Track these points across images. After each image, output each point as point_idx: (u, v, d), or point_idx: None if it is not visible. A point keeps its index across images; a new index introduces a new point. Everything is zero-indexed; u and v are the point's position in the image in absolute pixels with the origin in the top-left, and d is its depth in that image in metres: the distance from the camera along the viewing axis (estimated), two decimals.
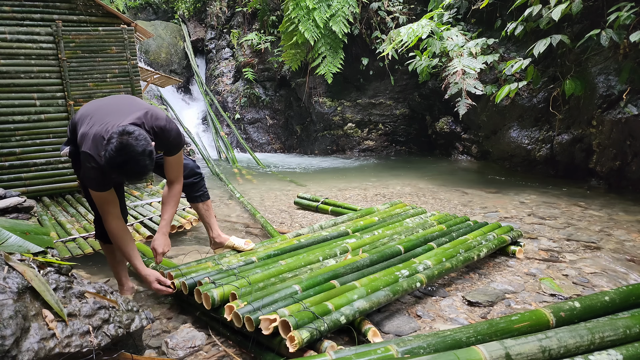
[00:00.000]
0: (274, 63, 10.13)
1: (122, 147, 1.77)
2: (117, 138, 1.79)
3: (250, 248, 2.74)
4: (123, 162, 1.78)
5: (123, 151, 1.77)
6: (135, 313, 1.67)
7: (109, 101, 2.23)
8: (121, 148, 1.77)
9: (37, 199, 4.68)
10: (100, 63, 5.06)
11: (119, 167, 1.80)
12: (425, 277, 2.26)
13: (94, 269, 3.00)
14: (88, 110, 2.15)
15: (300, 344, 1.63)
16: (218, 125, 10.50)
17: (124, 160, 1.78)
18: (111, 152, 1.78)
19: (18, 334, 1.22)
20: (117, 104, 2.16)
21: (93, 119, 2.04)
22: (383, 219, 3.36)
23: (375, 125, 9.34)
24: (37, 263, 1.54)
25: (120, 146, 1.77)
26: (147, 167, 1.85)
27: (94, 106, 2.17)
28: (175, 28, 12.87)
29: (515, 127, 6.34)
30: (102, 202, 2.09)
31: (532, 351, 1.46)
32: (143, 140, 1.83)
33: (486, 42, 5.87)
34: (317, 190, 5.56)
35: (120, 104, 2.17)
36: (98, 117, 2.04)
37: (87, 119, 2.07)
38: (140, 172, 1.85)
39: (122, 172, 1.83)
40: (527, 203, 4.54)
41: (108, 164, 1.81)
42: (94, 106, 2.17)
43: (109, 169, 1.84)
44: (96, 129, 1.98)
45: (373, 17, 8.24)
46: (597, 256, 2.97)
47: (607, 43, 4.31)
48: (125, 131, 1.81)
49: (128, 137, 1.79)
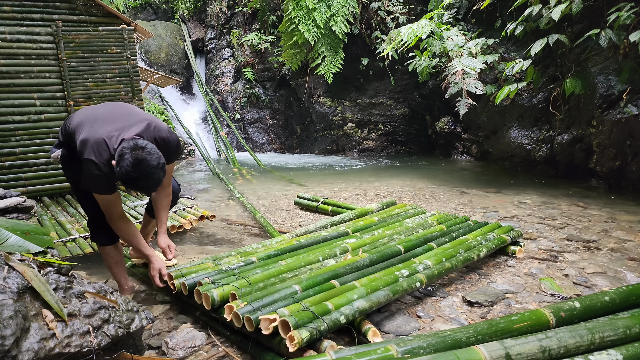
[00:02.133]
0: (274, 63, 10.13)
1: (137, 163, 1.83)
2: (130, 153, 1.84)
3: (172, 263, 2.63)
4: (139, 177, 1.85)
5: (138, 166, 1.83)
6: (135, 313, 1.66)
7: (107, 109, 2.22)
8: (137, 163, 1.83)
9: (37, 199, 4.68)
10: (100, 63, 5.06)
11: (135, 181, 1.86)
12: (425, 277, 2.26)
13: (94, 269, 3.00)
14: (85, 117, 2.15)
15: (300, 344, 1.63)
16: (218, 125, 10.50)
17: (140, 175, 1.85)
18: (127, 168, 1.83)
19: (18, 334, 1.22)
20: (116, 113, 2.16)
21: (93, 127, 2.04)
22: (383, 219, 3.36)
23: (375, 125, 9.34)
24: (37, 263, 1.54)
25: (136, 162, 1.83)
26: (160, 179, 1.92)
27: (91, 114, 2.16)
28: (175, 28, 12.87)
29: (515, 127, 6.34)
30: (108, 205, 2.12)
31: (532, 351, 1.46)
32: (155, 154, 1.89)
33: (486, 42, 5.87)
34: (317, 190, 5.56)
35: (119, 112, 2.17)
36: (98, 125, 2.05)
37: (86, 126, 2.07)
38: (155, 184, 1.93)
39: (138, 185, 1.90)
40: (527, 203, 4.54)
41: (123, 179, 1.86)
42: (90, 114, 2.17)
43: (123, 183, 1.89)
44: (97, 136, 1.98)
45: (373, 17, 8.24)
46: (597, 256, 2.97)
47: (606, 43, 4.31)
48: (138, 146, 1.86)
49: (142, 152, 1.85)
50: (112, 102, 2.38)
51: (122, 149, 1.87)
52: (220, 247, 3.40)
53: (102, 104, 2.33)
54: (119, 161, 1.86)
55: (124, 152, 1.85)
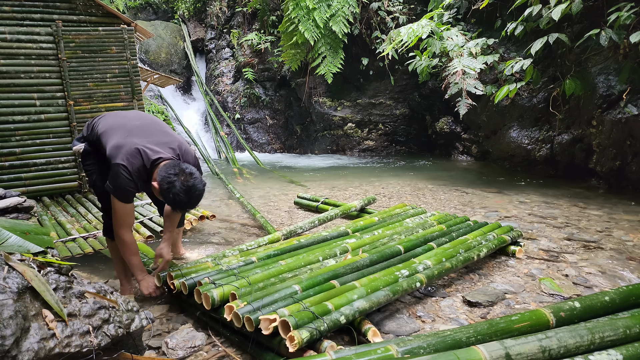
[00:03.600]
0: (274, 63, 10.13)
1: (188, 190, 2.01)
2: (180, 180, 2.00)
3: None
4: (189, 201, 2.04)
5: (190, 192, 2.02)
6: (135, 313, 1.66)
7: (142, 121, 2.33)
8: (188, 190, 2.01)
9: (37, 199, 4.68)
10: (100, 63, 5.06)
11: (184, 205, 2.05)
12: (425, 277, 2.26)
13: (94, 269, 3.00)
14: (116, 124, 2.26)
15: (300, 344, 1.63)
16: (218, 125, 10.50)
17: (190, 199, 2.03)
18: (179, 195, 2.00)
19: (18, 334, 1.22)
20: (152, 127, 2.29)
21: (130, 136, 2.16)
22: (383, 219, 3.36)
23: (375, 125, 9.34)
24: (37, 263, 1.54)
25: (187, 188, 2.01)
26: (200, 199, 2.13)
27: (123, 122, 2.28)
28: (175, 28, 12.87)
29: (515, 127, 6.34)
30: (124, 214, 2.21)
31: (532, 351, 1.46)
32: (199, 178, 2.07)
33: (486, 42, 5.87)
34: (317, 190, 5.56)
35: (154, 127, 2.30)
36: (135, 135, 2.17)
37: (119, 133, 2.18)
38: (197, 205, 2.14)
39: (183, 207, 2.08)
40: (527, 203, 4.54)
41: (172, 202, 2.04)
42: (122, 122, 2.28)
43: (168, 203, 2.07)
44: (132, 145, 2.11)
45: (373, 17, 8.24)
46: (597, 256, 2.97)
47: (606, 43, 4.31)
48: (186, 172, 2.03)
49: (191, 178, 2.03)
50: (142, 113, 2.50)
51: (168, 174, 2.01)
52: (220, 247, 3.40)
53: (132, 112, 2.46)
54: (168, 187, 2.00)
55: (172, 178, 2.00)
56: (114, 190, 2.13)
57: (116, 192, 2.13)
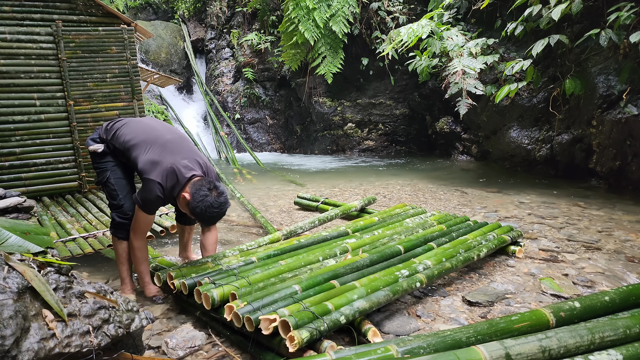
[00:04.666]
0: (274, 63, 10.13)
1: (219, 205, 2.17)
2: (212, 197, 2.15)
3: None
4: (218, 215, 2.19)
5: (219, 208, 2.18)
6: (135, 313, 1.66)
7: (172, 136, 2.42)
8: (218, 206, 2.17)
9: (37, 199, 4.68)
10: (100, 63, 5.06)
11: (211, 218, 2.19)
12: (425, 277, 2.26)
13: (94, 269, 3.00)
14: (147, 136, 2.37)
15: (300, 344, 1.63)
16: (218, 125, 10.50)
17: (218, 214, 2.19)
18: (210, 209, 2.15)
19: (18, 334, 1.22)
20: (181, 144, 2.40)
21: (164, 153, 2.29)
22: (383, 219, 3.36)
23: (375, 125, 9.34)
24: (37, 263, 1.54)
25: (217, 204, 2.16)
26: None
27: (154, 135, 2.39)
28: (175, 28, 12.87)
29: (515, 127, 6.34)
30: (144, 223, 2.35)
31: (532, 351, 1.46)
32: (227, 195, 2.23)
33: (486, 42, 5.87)
34: (317, 190, 5.56)
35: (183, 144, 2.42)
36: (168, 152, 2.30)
37: (153, 148, 2.31)
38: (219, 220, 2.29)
39: (211, 221, 2.24)
40: (527, 203, 4.54)
41: (200, 215, 2.18)
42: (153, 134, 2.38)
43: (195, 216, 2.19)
44: (169, 164, 2.24)
45: (373, 17, 8.24)
46: (597, 256, 2.97)
47: (606, 43, 4.31)
48: (217, 190, 2.19)
49: (221, 196, 2.19)
50: (167, 125, 2.58)
51: (200, 191, 2.15)
52: (221, 247, 3.40)
53: (159, 123, 2.53)
54: (199, 201, 2.14)
55: (202, 195, 2.14)
56: (143, 204, 2.26)
57: (144, 205, 2.27)
